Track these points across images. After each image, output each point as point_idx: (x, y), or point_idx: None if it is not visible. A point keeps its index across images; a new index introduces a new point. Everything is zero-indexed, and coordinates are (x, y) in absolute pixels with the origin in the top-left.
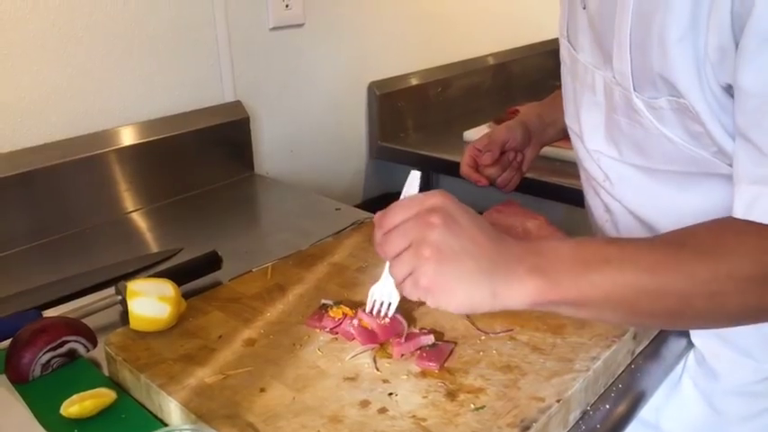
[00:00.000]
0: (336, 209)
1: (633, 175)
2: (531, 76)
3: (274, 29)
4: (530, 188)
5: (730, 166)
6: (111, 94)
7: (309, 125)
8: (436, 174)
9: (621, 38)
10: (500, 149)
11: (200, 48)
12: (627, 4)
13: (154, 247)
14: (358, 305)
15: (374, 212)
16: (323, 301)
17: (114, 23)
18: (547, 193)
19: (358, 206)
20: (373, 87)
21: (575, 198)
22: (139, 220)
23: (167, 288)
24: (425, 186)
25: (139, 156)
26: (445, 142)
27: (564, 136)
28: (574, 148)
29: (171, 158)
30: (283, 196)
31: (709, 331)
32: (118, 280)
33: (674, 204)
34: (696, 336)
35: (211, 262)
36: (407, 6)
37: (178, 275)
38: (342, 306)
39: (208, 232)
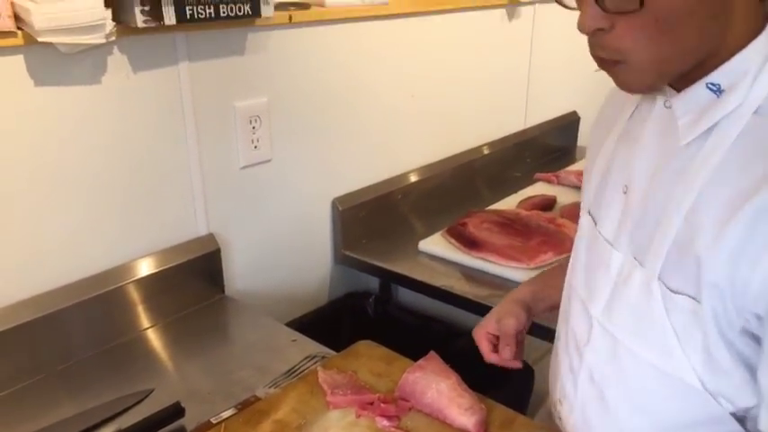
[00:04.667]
0: (293, 340)
1: (620, 353)
2: (492, 169)
3: (244, 167)
4: None
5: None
6: (95, 244)
7: (278, 243)
8: (394, 284)
9: (662, 239)
10: (515, 340)
11: (176, 192)
12: (678, 211)
13: (132, 383)
14: None
15: (337, 320)
16: None
17: (99, 180)
18: None
19: (324, 306)
20: (336, 203)
21: None
22: (119, 354)
23: None
24: (385, 293)
25: (119, 296)
26: (402, 251)
27: (551, 312)
28: (568, 309)
29: (147, 294)
30: (247, 324)
31: None
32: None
33: (646, 399)
34: None
35: (175, 413)
36: (369, 129)
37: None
38: None
39: (179, 368)
